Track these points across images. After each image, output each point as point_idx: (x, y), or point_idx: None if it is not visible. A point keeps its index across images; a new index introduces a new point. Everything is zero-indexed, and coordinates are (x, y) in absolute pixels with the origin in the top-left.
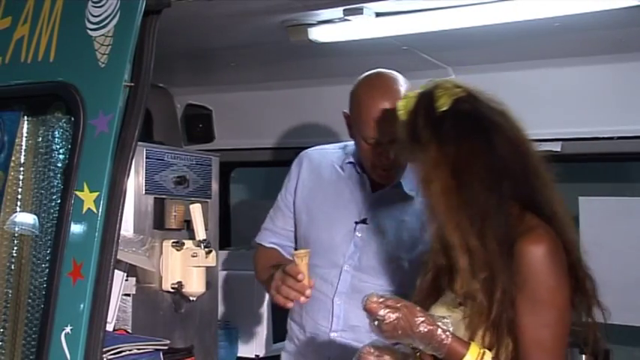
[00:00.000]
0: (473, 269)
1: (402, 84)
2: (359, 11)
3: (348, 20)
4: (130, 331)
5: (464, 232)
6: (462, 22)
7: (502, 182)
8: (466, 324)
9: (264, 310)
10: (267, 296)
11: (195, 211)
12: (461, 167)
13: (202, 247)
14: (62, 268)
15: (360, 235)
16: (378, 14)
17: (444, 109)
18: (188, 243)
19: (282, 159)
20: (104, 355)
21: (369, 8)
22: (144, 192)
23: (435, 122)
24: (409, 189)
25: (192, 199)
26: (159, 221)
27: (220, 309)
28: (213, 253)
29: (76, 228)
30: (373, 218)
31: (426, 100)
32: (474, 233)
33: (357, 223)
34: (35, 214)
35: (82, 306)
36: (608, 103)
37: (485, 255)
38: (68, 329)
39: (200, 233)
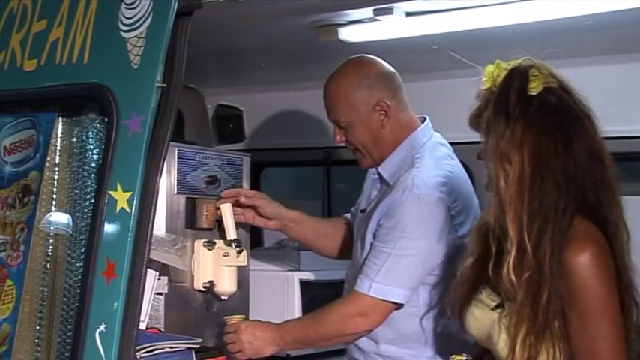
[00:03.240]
0: (520, 266)
1: (361, 68)
2: (389, 11)
3: (378, 20)
4: (162, 329)
5: (522, 226)
6: (492, 21)
7: (573, 190)
8: (505, 326)
9: (296, 308)
10: (298, 295)
11: (226, 210)
12: (540, 159)
13: (233, 246)
14: (96, 267)
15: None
16: (408, 14)
17: (534, 93)
18: (219, 242)
19: (311, 159)
20: (137, 353)
21: (400, 8)
22: (175, 192)
23: (526, 103)
24: (387, 176)
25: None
26: (190, 221)
27: (251, 308)
28: (245, 252)
29: (109, 227)
30: (370, 210)
31: (520, 76)
32: (531, 231)
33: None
34: (70, 213)
35: (115, 304)
36: None
37: (536, 257)
38: (102, 327)
39: (231, 232)
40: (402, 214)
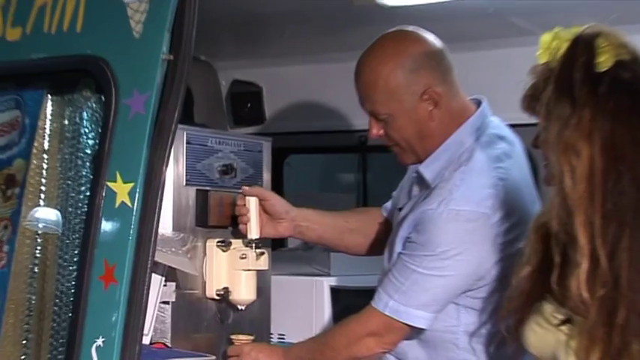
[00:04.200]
0: (593, 280)
1: (404, 48)
2: None
3: None
4: (169, 344)
5: (594, 232)
6: None
7: None
8: (574, 349)
9: (326, 320)
10: (329, 304)
11: (252, 204)
12: (614, 151)
13: (253, 247)
14: (92, 271)
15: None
16: None
17: (603, 69)
18: (236, 242)
19: (343, 144)
20: None
21: None
22: (184, 183)
23: (594, 82)
24: (430, 177)
25: (240, 191)
26: (202, 217)
27: (274, 320)
28: (266, 254)
29: (107, 225)
30: (405, 214)
31: (586, 49)
32: (605, 238)
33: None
34: (61, 208)
35: (115, 315)
36: None
37: (612, 269)
38: (100, 342)
39: (253, 231)
40: (434, 230)
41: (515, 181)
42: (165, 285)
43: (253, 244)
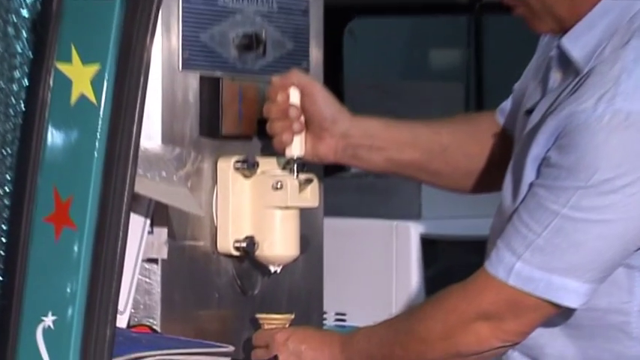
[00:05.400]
0: None
1: None
2: None
3: None
4: (157, 327)
5: None
6: None
7: None
8: None
9: (413, 288)
10: (418, 263)
11: (292, 100)
12: None
13: (294, 170)
14: (35, 210)
15: None
16: None
17: None
18: (266, 162)
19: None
20: None
21: None
22: (180, 66)
23: None
24: (579, 56)
25: (273, 79)
26: (210, 122)
27: (328, 290)
28: (315, 183)
29: (58, 133)
30: (540, 118)
31: None
32: None
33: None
34: None
35: (72, 280)
36: None
37: None
38: (49, 321)
39: (296, 145)
40: (590, 146)
41: None
42: (151, 233)
43: (295, 166)
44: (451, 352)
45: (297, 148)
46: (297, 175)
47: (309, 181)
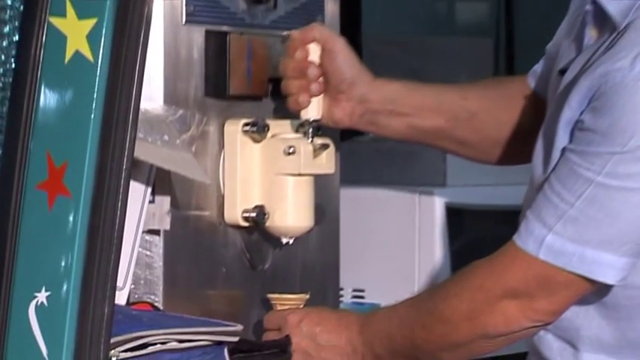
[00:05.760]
0: None
1: None
2: None
3: None
4: (159, 305)
5: None
6: None
7: None
8: None
9: (437, 262)
10: (443, 234)
11: (312, 56)
12: None
13: (309, 134)
14: (27, 176)
15: None
16: None
17: None
18: (278, 125)
19: None
20: (114, 351)
21: None
22: (184, 20)
23: None
24: (615, 11)
25: (287, 34)
26: (216, 81)
27: (345, 266)
28: (331, 148)
29: (52, 93)
30: (573, 77)
31: None
32: None
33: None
34: None
35: (67, 253)
36: None
37: None
38: (42, 297)
39: (312, 107)
40: (627, 108)
41: None
42: (152, 202)
43: (310, 130)
44: (477, 333)
45: (313, 110)
46: (312, 140)
47: (324, 146)
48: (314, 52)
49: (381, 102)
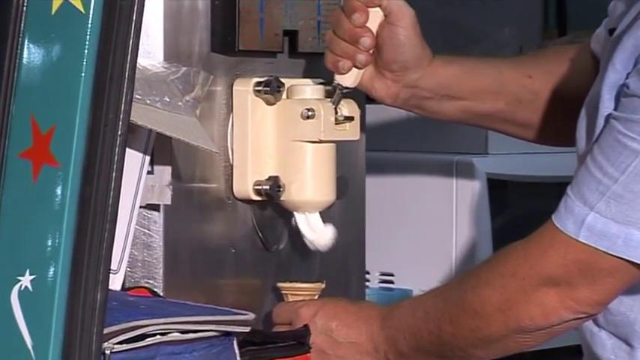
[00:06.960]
0: None
1: None
2: None
3: None
4: (158, 290)
5: None
6: None
7: None
8: None
9: (478, 238)
10: (484, 206)
11: (372, 21)
12: None
13: (335, 99)
14: (8, 143)
15: None
16: None
17: None
18: (295, 85)
19: None
20: (107, 343)
21: None
22: None
23: None
24: None
25: None
26: (223, 34)
27: (371, 246)
28: (356, 111)
29: (38, 50)
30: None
31: None
32: None
33: None
34: None
35: (55, 231)
36: None
37: None
38: (26, 281)
39: (349, 75)
40: None
41: None
42: (150, 173)
43: (338, 96)
44: (511, 327)
45: (350, 78)
46: (335, 102)
47: (350, 118)
48: (374, 19)
49: (433, 89)
